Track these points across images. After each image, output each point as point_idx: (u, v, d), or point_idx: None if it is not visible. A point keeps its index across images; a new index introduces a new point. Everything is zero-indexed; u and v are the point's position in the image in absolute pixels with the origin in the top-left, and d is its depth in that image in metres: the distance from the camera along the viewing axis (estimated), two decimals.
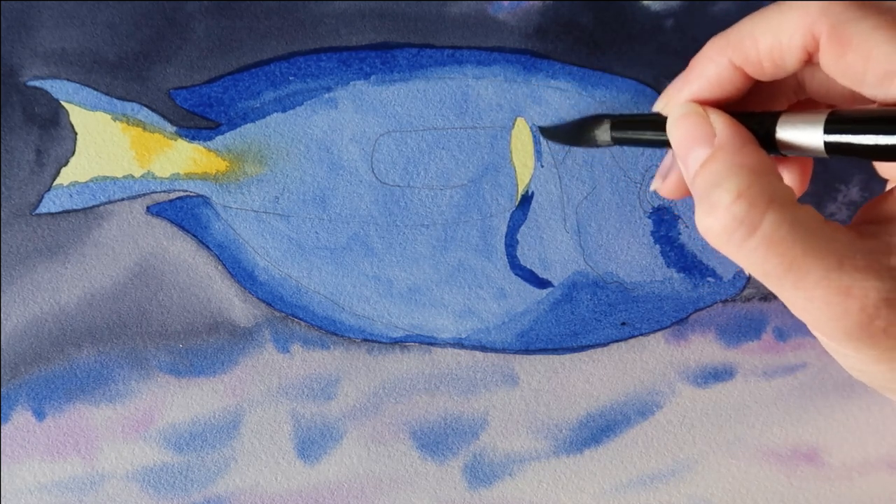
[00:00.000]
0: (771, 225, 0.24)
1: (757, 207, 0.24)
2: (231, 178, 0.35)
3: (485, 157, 0.36)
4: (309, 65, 0.35)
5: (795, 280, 0.24)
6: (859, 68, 0.25)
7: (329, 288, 0.35)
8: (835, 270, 0.24)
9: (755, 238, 0.24)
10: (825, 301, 0.24)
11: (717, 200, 0.25)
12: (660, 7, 0.36)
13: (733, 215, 0.24)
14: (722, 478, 0.36)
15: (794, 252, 0.24)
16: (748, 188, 0.25)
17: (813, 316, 0.25)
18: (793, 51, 0.26)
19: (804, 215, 0.24)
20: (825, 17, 0.25)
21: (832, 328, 0.24)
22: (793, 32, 0.26)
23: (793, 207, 0.25)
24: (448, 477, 0.35)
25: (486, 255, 0.35)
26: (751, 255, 0.25)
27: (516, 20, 0.36)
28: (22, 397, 0.34)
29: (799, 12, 0.26)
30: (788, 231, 0.24)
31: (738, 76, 0.28)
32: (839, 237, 0.24)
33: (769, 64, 0.27)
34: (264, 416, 0.35)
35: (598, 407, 0.36)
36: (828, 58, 0.25)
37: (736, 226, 0.24)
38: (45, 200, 0.35)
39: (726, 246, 0.25)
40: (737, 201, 0.24)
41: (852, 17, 0.25)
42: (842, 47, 0.25)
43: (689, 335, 0.36)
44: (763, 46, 0.27)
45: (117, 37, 0.35)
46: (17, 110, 0.35)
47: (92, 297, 0.35)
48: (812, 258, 0.24)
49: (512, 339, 0.36)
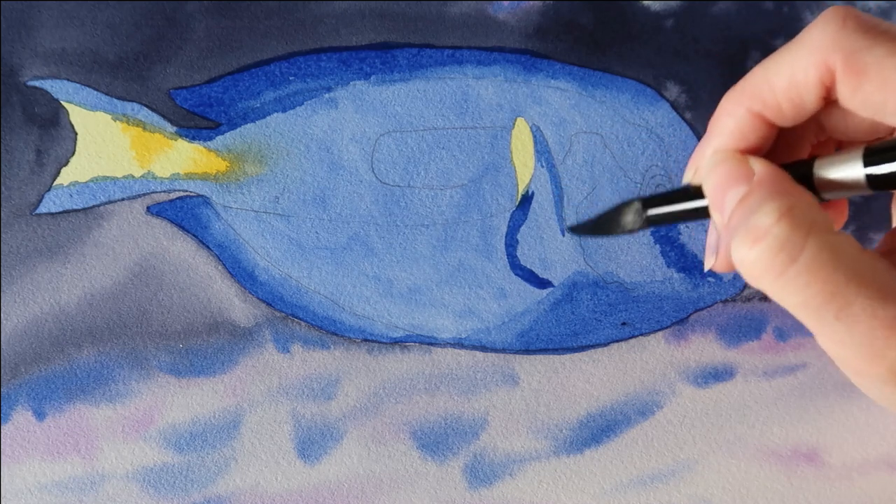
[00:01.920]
0: (814, 250, 0.23)
1: (800, 230, 0.23)
2: (231, 178, 0.35)
3: (485, 157, 0.36)
4: (309, 65, 0.35)
5: (838, 310, 0.23)
6: (878, 97, 0.24)
7: (329, 288, 0.35)
8: (880, 301, 0.23)
9: (798, 264, 0.23)
10: (870, 334, 0.23)
11: (757, 224, 0.24)
12: (660, 7, 0.36)
13: (775, 237, 0.23)
14: (722, 478, 0.36)
15: (838, 280, 0.23)
16: (790, 210, 0.23)
17: (852, 351, 0.23)
18: (810, 87, 0.25)
19: (844, 242, 0.23)
20: (838, 49, 0.25)
21: (872, 363, 0.23)
22: (807, 68, 0.25)
23: (834, 234, 0.23)
24: (448, 477, 0.35)
25: (486, 255, 0.35)
26: (791, 283, 0.23)
27: (516, 20, 0.36)
28: (22, 397, 0.34)
29: (811, 47, 0.25)
30: (830, 258, 0.23)
31: (759, 125, 0.27)
32: (879, 267, 0.23)
33: (788, 106, 0.26)
34: (264, 416, 0.35)
35: (598, 407, 0.36)
36: (845, 90, 0.25)
37: (777, 250, 0.23)
38: (45, 200, 0.35)
39: (766, 273, 0.24)
40: (779, 222, 0.23)
41: (864, 46, 0.24)
42: (858, 77, 0.24)
43: (690, 335, 0.36)
44: (780, 88, 0.26)
45: (117, 37, 0.35)
46: (17, 110, 0.35)
47: (92, 297, 0.35)
48: (856, 287, 0.23)
49: (512, 339, 0.36)
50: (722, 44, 0.36)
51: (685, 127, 0.36)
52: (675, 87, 0.36)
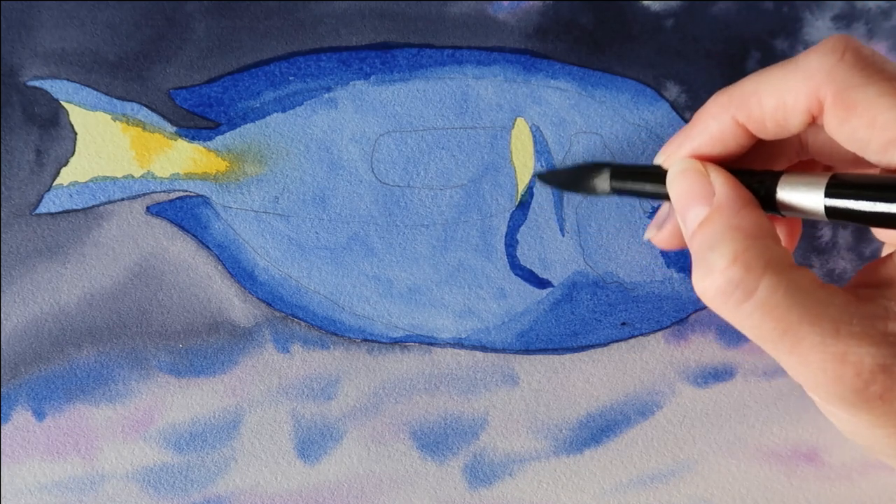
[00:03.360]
0: (766, 290, 0.24)
1: (753, 272, 0.24)
2: (231, 178, 0.35)
3: (485, 157, 0.36)
4: (309, 65, 0.35)
5: (791, 346, 0.24)
6: (863, 134, 0.25)
7: (329, 288, 0.35)
8: (830, 336, 0.24)
9: (751, 303, 0.24)
10: (821, 367, 0.24)
11: (713, 264, 0.25)
12: (660, 7, 0.36)
13: (729, 279, 0.24)
14: (722, 478, 0.36)
15: (790, 318, 0.24)
16: (744, 252, 0.24)
17: (809, 380, 0.24)
18: (797, 113, 0.26)
19: (801, 279, 0.24)
20: (831, 82, 0.25)
21: (828, 393, 0.24)
22: (798, 94, 0.25)
23: (789, 271, 0.24)
24: (448, 477, 0.35)
25: (486, 255, 0.35)
26: (746, 320, 0.24)
27: (516, 20, 0.36)
28: (22, 397, 0.34)
29: (805, 74, 0.25)
30: (784, 296, 0.24)
31: (741, 134, 0.27)
32: (835, 301, 0.24)
33: (773, 124, 0.27)
34: (264, 416, 0.35)
35: (598, 407, 0.36)
36: (832, 122, 0.25)
37: (731, 290, 0.24)
38: (45, 200, 0.35)
39: (721, 308, 0.25)
40: (732, 265, 0.24)
41: (858, 83, 0.25)
42: (846, 112, 0.25)
43: (689, 335, 0.36)
44: (767, 106, 0.26)
45: (117, 37, 0.35)
46: (17, 110, 0.35)
47: (92, 297, 0.35)
48: (808, 324, 0.24)
49: (512, 339, 0.36)
50: (722, 44, 0.36)
51: None
52: (675, 87, 0.36)
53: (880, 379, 0.23)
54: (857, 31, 0.37)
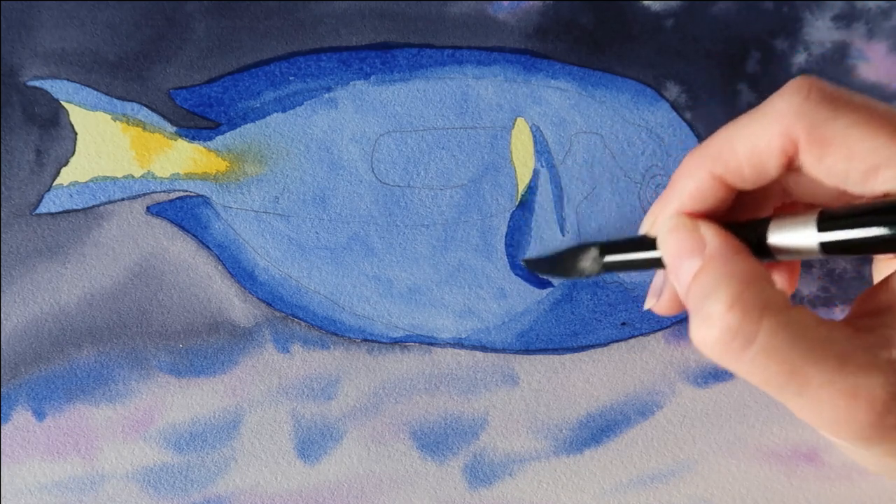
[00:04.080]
0: (767, 333, 0.24)
1: (751, 316, 0.24)
2: (231, 178, 0.35)
3: (485, 157, 0.36)
4: (309, 65, 0.35)
5: (798, 388, 0.23)
6: (842, 167, 0.25)
7: (329, 288, 0.35)
8: (838, 373, 0.23)
9: (753, 348, 0.24)
10: (832, 405, 0.23)
11: (709, 312, 0.24)
12: (660, 7, 0.36)
13: (727, 326, 0.24)
14: (722, 478, 0.36)
15: (794, 359, 0.23)
16: (740, 296, 0.24)
17: (821, 420, 0.24)
18: (772, 155, 0.26)
19: (800, 318, 0.24)
20: (801, 120, 0.25)
21: (842, 430, 0.24)
22: (770, 137, 0.25)
23: (787, 311, 0.24)
24: (448, 477, 0.35)
25: (486, 255, 0.35)
26: (749, 366, 0.24)
27: (516, 20, 0.36)
28: (22, 397, 0.34)
29: (774, 116, 0.25)
30: (785, 338, 0.23)
31: (719, 187, 0.27)
32: (837, 336, 0.24)
33: (750, 171, 0.26)
34: (264, 416, 0.35)
35: (598, 407, 0.36)
36: (809, 159, 0.25)
37: (731, 337, 0.24)
38: (45, 200, 0.35)
39: (723, 357, 0.24)
40: (730, 311, 0.24)
41: (828, 117, 0.24)
42: (821, 149, 0.25)
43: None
44: (742, 154, 0.26)
45: (117, 37, 0.35)
46: (17, 110, 0.35)
47: (92, 297, 0.35)
48: (813, 363, 0.23)
49: (512, 339, 0.36)
50: (722, 44, 0.36)
51: (685, 127, 0.36)
52: (675, 87, 0.36)
53: (894, 408, 0.23)
54: (857, 31, 0.37)
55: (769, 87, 0.36)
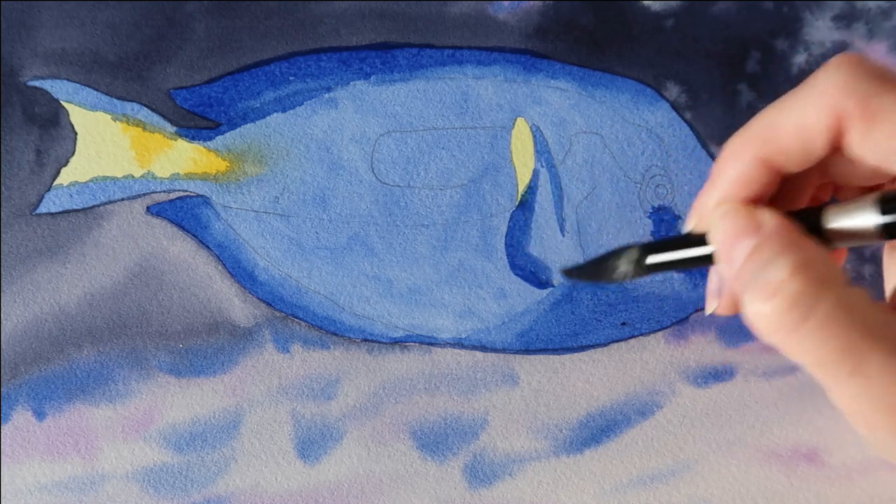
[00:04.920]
0: (828, 306, 0.22)
1: (814, 286, 0.23)
2: (231, 178, 0.35)
3: (485, 157, 0.36)
4: (309, 65, 0.35)
5: (854, 366, 0.22)
6: (887, 144, 0.24)
7: (329, 288, 0.35)
8: (894, 355, 0.22)
9: (812, 321, 0.23)
10: (884, 390, 0.22)
11: (770, 279, 0.23)
12: (660, 7, 0.36)
13: (789, 293, 0.23)
14: (722, 478, 0.36)
15: (852, 336, 0.22)
16: (804, 265, 0.23)
17: (867, 406, 0.23)
18: (821, 132, 0.25)
19: (860, 297, 0.23)
20: (849, 95, 0.24)
21: (888, 417, 0.23)
22: (818, 113, 0.25)
23: (848, 288, 0.23)
24: (448, 477, 0.35)
25: (486, 255, 0.35)
26: (804, 340, 0.23)
27: (516, 20, 0.36)
28: (22, 397, 0.34)
29: (821, 92, 0.25)
30: (845, 313, 0.22)
31: (765, 172, 0.26)
32: (892, 321, 0.23)
33: (797, 150, 0.26)
34: (264, 416, 0.35)
35: (598, 407, 0.36)
36: (856, 135, 0.25)
37: (791, 305, 0.23)
38: (45, 200, 0.35)
39: (779, 329, 0.23)
40: (793, 278, 0.23)
41: (877, 92, 0.24)
42: (870, 122, 0.24)
43: (689, 335, 0.36)
44: (790, 131, 0.25)
45: (117, 37, 0.35)
46: (17, 110, 0.35)
47: (92, 297, 0.35)
48: (870, 343, 0.22)
49: (512, 339, 0.36)
50: (722, 44, 0.36)
51: (685, 127, 0.36)
52: (675, 87, 0.36)
53: None
54: (857, 31, 0.37)
55: (769, 87, 0.36)
